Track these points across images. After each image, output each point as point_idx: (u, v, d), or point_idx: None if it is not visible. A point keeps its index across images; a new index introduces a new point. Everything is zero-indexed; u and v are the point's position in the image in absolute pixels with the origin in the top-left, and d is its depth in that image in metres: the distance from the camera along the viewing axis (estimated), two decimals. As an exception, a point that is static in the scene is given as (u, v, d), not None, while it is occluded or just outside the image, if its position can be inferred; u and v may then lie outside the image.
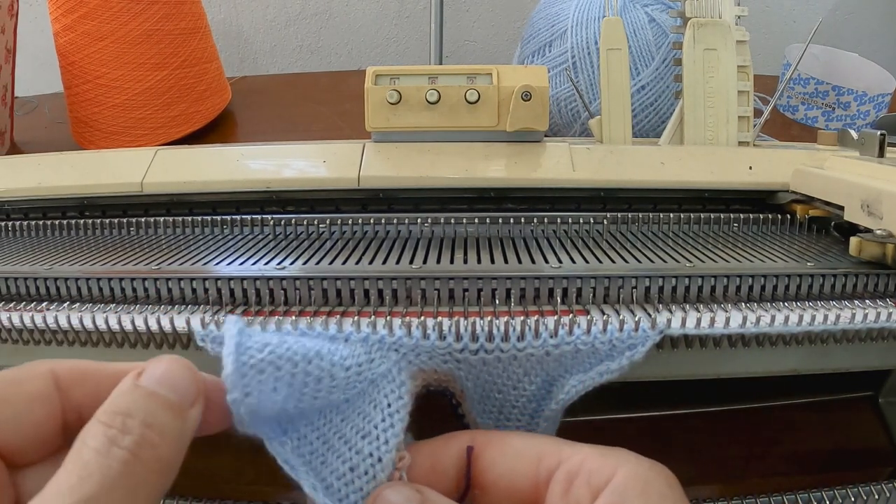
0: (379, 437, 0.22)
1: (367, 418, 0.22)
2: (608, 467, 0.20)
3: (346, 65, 1.17)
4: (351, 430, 0.22)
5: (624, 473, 0.19)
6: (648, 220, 0.38)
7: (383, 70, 0.40)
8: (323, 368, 0.21)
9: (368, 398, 0.23)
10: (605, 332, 0.24)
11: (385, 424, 0.22)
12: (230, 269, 0.31)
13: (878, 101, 0.78)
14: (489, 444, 0.22)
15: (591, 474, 0.20)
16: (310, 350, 0.21)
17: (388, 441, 0.22)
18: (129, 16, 0.70)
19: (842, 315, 0.27)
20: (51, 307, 0.29)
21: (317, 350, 0.21)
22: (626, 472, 0.19)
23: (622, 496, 0.19)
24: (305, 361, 0.21)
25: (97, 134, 0.75)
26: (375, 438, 0.22)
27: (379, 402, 0.22)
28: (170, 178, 0.40)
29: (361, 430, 0.22)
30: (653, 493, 0.19)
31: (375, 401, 0.23)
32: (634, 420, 0.39)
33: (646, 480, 0.19)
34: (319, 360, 0.21)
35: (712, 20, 0.44)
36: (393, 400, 0.23)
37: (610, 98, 0.44)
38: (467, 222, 0.37)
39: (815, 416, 0.41)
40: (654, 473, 0.20)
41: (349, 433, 0.22)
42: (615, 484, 0.19)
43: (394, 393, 0.23)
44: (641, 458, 0.20)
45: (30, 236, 0.39)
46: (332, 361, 0.22)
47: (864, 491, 0.33)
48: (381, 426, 0.22)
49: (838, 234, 0.36)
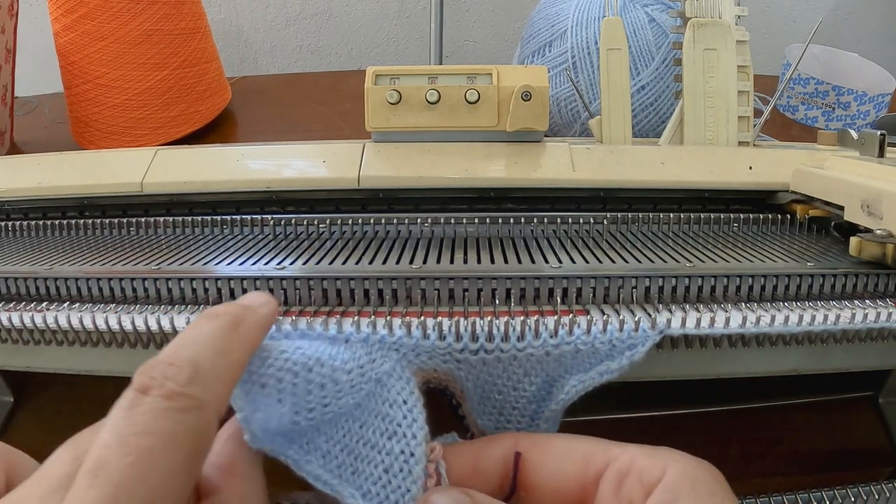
0: (406, 434, 0.22)
1: (388, 418, 0.22)
2: (658, 466, 0.20)
3: (346, 65, 1.17)
4: (374, 434, 0.22)
5: (674, 471, 0.20)
6: (648, 220, 0.38)
7: (383, 70, 0.40)
8: (324, 375, 0.21)
9: (381, 399, 0.22)
10: (605, 332, 0.24)
11: (408, 421, 0.22)
12: (230, 269, 0.31)
13: (878, 101, 0.78)
14: (534, 446, 0.22)
15: (643, 473, 0.20)
16: (309, 358, 0.21)
17: (416, 435, 0.22)
18: (129, 16, 0.70)
19: (842, 315, 0.27)
20: (51, 307, 0.29)
21: (316, 357, 0.21)
22: (677, 471, 0.20)
23: (674, 494, 0.19)
24: (306, 370, 0.21)
25: (97, 134, 0.75)
26: (403, 436, 0.22)
27: (395, 401, 0.22)
28: (170, 178, 0.40)
29: (386, 432, 0.22)
30: (703, 490, 0.19)
31: (390, 400, 0.22)
32: (634, 420, 0.40)
33: (695, 478, 0.20)
34: (320, 367, 0.21)
35: (712, 20, 0.44)
36: (407, 396, 0.23)
37: (610, 98, 0.44)
38: (467, 222, 0.37)
39: (815, 416, 0.41)
40: (702, 471, 0.20)
41: (373, 437, 0.22)
42: (666, 482, 0.20)
43: (405, 389, 0.23)
44: (689, 456, 0.21)
45: (30, 236, 0.39)
46: (333, 367, 0.22)
47: (864, 491, 0.33)
48: (404, 423, 0.22)
49: (838, 234, 0.36)
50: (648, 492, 0.20)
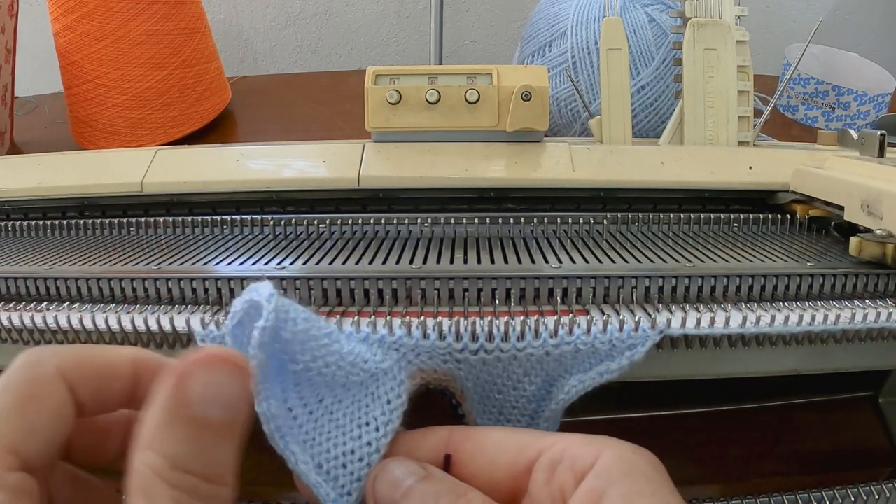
0: (378, 429, 0.22)
1: (366, 409, 0.23)
2: (591, 453, 0.20)
3: (346, 65, 1.17)
4: (346, 418, 0.22)
5: (608, 456, 0.19)
6: (648, 220, 0.38)
7: (383, 70, 0.40)
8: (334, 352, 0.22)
9: (367, 390, 0.23)
10: (605, 332, 0.24)
11: (384, 418, 0.22)
12: (230, 269, 0.31)
13: (878, 101, 0.78)
14: (467, 439, 0.22)
15: (575, 460, 0.20)
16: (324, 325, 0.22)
17: (387, 435, 0.22)
18: (129, 16, 0.70)
19: (842, 315, 0.27)
20: (51, 307, 0.29)
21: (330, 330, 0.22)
22: (611, 456, 0.19)
23: (607, 478, 0.19)
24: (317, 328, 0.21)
25: (97, 134, 0.75)
26: (374, 430, 0.22)
27: (379, 396, 0.23)
28: (170, 178, 0.40)
29: (359, 420, 0.22)
30: (637, 474, 0.19)
31: (375, 394, 0.23)
32: (634, 420, 0.40)
33: (631, 463, 0.19)
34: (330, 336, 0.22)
35: (712, 20, 0.44)
36: (393, 397, 0.23)
37: (610, 98, 0.44)
38: (467, 222, 0.37)
39: (815, 416, 0.41)
40: (639, 457, 0.20)
41: (344, 420, 0.22)
42: (599, 467, 0.19)
43: (393, 391, 0.23)
44: (625, 442, 0.20)
45: (30, 236, 0.39)
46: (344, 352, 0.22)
47: (864, 491, 0.33)
48: (380, 419, 0.22)
49: (838, 234, 0.36)
50: (580, 478, 0.19)
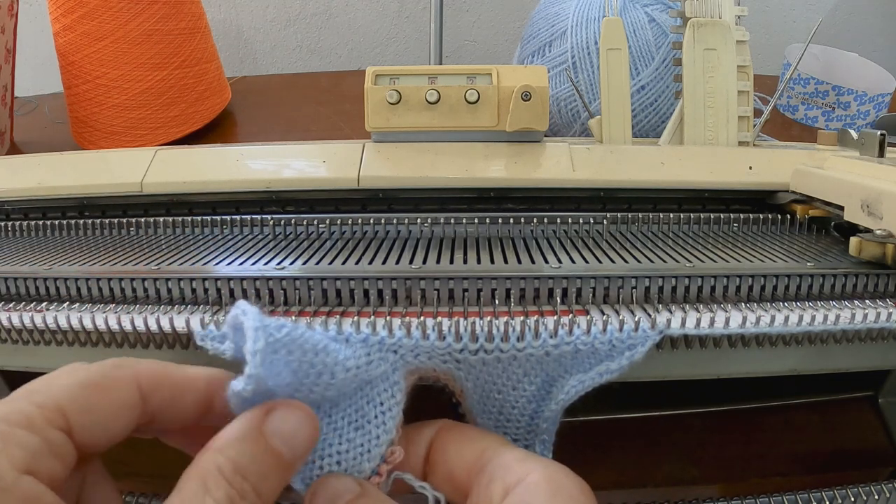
0: (371, 432, 0.22)
1: (361, 413, 0.23)
2: (523, 469, 0.21)
3: (346, 65, 1.17)
4: (343, 421, 0.22)
5: (536, 476, 0.20)
6: (648, 220, 0.38)
7: (383, 70, 0.40)
8: (326, 364, 0.21)
9: (362, 394, 0.23)
10: (605, 332, 0.24)
11: (378, 421, 0.23)
12: (230, 269, 0.31)
13: (878, 101, 0.78)
14: (449, 430, 0.24)
15: (507, 474, 0.21)
16: (318, 342, 0.21)
17: (380, 437, 0.23)
18: (129, 16, 0.70)
19: (842, 315, 0.27)
20: (51, 307, 0.29)
21: (324, 344, 0.22)
22: (539, 475, 0.20)
23: (531, 496, 0.20)
24: (313, 353, 0.21)
25: (97, 134, 0.75)
26: (368, 433, 0.22)
27: (373, 399, 0.23)
28: (170, 178, 0.40)
29: (354, 423, 0.23)
30: (562, 495, 0.20)
31: (369, 397, 0.23)
32: (634, 420, 0.39)
33: (557, 483, 0.20)
34: (325, 356, 0.21)
35: (712, 20, 0.44)
36: (386, 399, 0.23)
37: (610, 98, 0.44)
38: (467, 222, 0.37)
39: (815, 416, 0.41)
40: (567, 479, 0.21)
41: (341, 423, 0.22)
42: (527, 483, 0.20)
43: (387, 392, 0.23)
44: (559, 465, 0.21)
45: (30, 236, 0.39)
46: (336, 360, 0.22)
47: (864, 491, 0.33)
48: (374, 422, 0.23)
49: (838, 234, 0.36)
50: (507, 492, 0.20)
